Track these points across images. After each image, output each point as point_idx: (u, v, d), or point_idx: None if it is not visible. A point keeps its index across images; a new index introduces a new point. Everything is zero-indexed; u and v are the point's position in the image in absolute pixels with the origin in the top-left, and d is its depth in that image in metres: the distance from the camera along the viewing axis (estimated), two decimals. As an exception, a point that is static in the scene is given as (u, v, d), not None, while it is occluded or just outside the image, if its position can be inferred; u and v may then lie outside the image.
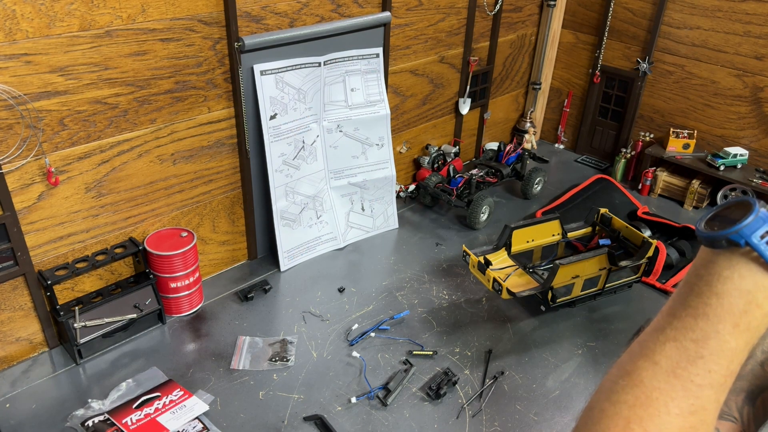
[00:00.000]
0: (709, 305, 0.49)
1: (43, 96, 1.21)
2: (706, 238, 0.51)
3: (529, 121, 2.57)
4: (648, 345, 0.51)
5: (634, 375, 0.50)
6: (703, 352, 0.49)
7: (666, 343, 0.50)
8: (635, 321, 1.62)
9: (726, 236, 0.49)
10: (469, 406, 1.33)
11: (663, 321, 0.52)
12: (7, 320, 1.33)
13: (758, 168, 2.08)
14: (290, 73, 1.59)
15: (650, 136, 2.28)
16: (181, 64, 1.40)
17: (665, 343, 0.50)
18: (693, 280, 0.51)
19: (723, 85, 2.09)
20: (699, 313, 0.49)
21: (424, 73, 2.03)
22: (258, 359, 1.42)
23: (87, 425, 1.22)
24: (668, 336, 0.50)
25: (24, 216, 1.27)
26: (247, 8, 1.46)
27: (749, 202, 0.51)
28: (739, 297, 0.48)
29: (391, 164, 1.89)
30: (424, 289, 1.69)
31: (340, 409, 1.31)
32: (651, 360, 0.50)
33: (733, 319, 0.48)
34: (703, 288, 0.50)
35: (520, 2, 2.27)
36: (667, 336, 0.50)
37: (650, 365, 0.50)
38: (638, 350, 0.52)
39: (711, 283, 0.50)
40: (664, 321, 0.51)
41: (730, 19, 2.00)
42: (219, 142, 1.55)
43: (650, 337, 0.52)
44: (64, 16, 1.18)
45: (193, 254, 1.51)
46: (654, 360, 0.50)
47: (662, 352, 0.50)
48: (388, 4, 1.76)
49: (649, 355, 0.50)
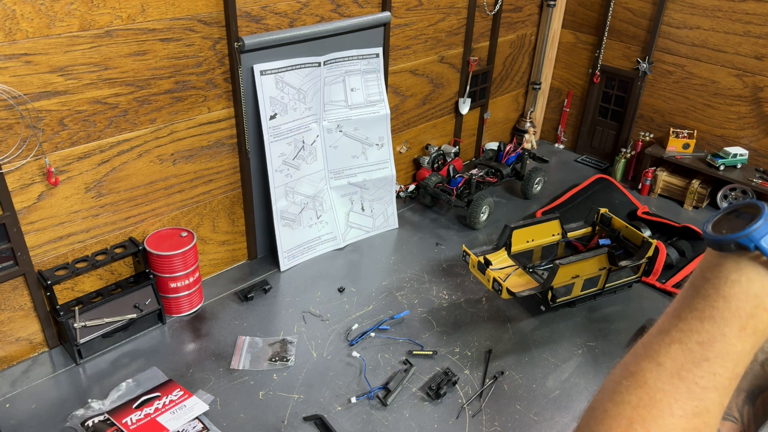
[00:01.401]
0: (715, 308, 0.49)
1: (43, 96, 1.21)
2: (714, 242, 0.50)
3: (529, 121, 2.57)
4: (652, 346, 0.51)
5: (638, 376, 0.50)
6: (708, 355, 0.48)
7: (671, 345, 0.50)
8: (635, 321, 1.62)
9: (735, 240, 0.49)
10: (469, 406, 1.33)
11: (668, 323, 0.51)
12: (7, 320, 1.33)
13: (758, 168, 2.08)
14: (290, 73, 1.59)
15: (650, 135, 2.28)
16: (181, 64, 1.40)
17: (670, 344, 0.50)
18: (699, 283, 0.51)
19: (723, 85, 2.09)
20: (705, 316, 0.49)
21: (424, 73, 2.03)
22: (258, 359, 1.42)
23: (87, 425, 1.22)
24: (673, 338, 0.50)
25: (24, 216, 1.27)
26: (247, 8, 1.46)
27: (757, 205, 0.50)
28: (747, 300, 0.48)
29: (391, 164, 1.89)
30: (424, 289, 1.69)
31: (340, 409, 1.31)
32: (655, 361, 0.50)
33: (739, 323, 0.48)
34: (710, 291, 0.50)
35: (520, 2, 2.27)
36: (672, 338, 0.50)
37: (654, 366, 0.50)
38: (642, 351, 0.52)
39: (718, 286, 0.49)
40: (669, 323, 0.51)
41: (730, 19, 2.00)
42: (219, 142, 1.55)
43: (655, 338, 0.51)
44: (64, 16, 1.18)
45: (193, 254, 1.51)
46: (658, 361, 0.50)
47: (667, 354, 0.50)
48: (388, 4, 1.76)
49: (653, 357, 0.50)
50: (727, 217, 0.52)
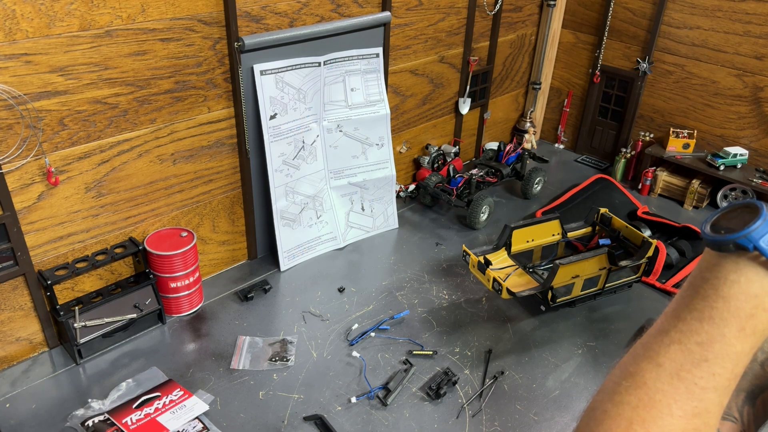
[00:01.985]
0: (715, 308, 0.49)
1: (43, 96, 1.21)
2: (712, 242, 0.50)
3: (529, 121, 2.57)
4: (652, 347, 0.51)
5: (637, 376, 0.50)
6: (707, 355, 0.48)
7: (670, 346, 0.50)
8: (635, 321, 1.62)
9: (734, 240, 0.49)
10: (469, 406, 1.33)
11: (667, 323, 0.51)
12: (7, 320, 1.33)
13: (758, 168, 2.08)
14: (290, 72, 1.59)
15: (650, 135, 2.28)
16: (181, 64, 1.40)
17: (669, 345, 0.50)
18: (698, 283, 0.51)
19: (723, 85, 2.09)
20: (704, 317, 0.49)
21: (424, 73, 2.03)
22: (258, 359, 1.42)
23: (87, 425, 1.22)
24: (672, 338, 0.50)
25: (24, 216, 1.27)
26: (247, 8, 1.46)
27: (756, 205, 0.50)
28: (746, 301, 0.48)
29: (391, 164, 1.89)
30: (424, 289, 1.69)
31: (340, 409, 1.31)
32: (655, 362, 0.50)
33: (739, 323, 0.48)
34: (709, 291, 0.50)
35: (520, 2, 2.27)
36: (671, 338, 0.50)
37: (654, 367, 0.50)
38: (642, 352, 0.51)
39: (717, 287, 0.49)
40: (668, 323, 0.51)
41: (730, 18, 2.00)
42: (219, 141, 1.55)
43: (654, 339, 0.51)
44: (64, 16, 1.18)
45: (193, 254, 1.51)
46: (658, 362, 0.50)
47: (666, 355, 0.50)
48: (388, 3, 1.76)
49: (653, 357, 0.50)
50: (725, 217, 0.52)
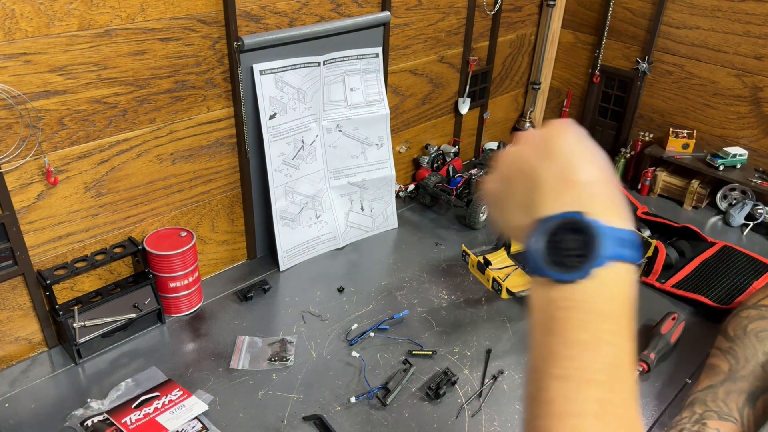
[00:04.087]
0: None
1: (42, 95, 1.21)
2: (561, 281, 0.53)
3: (528, 121, 2.57)
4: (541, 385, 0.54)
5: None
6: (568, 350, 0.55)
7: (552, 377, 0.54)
8: (634, 320, 1.61)
9: (586, 273, 0.52)
10: (468, 406, 1.33)
11: (553, 368, 0.53)
12: (6, 320, 1.33)
13: (758, 168, 2.08)
14: (290, 72, 1.58)
15: (650, 135, 2.28)
16: (181, 64, 1.39)
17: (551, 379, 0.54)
18: (555, 324, 0.54)
19: (722, 85, 2.09)
20: (596, 340, 0.53)
21: (423, 73, 2.03)
22: (257, 359, 1.42)
23: (86, 425, 1.21)
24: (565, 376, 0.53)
25: (23, 215, 1.27)
26: (247, 8, 1.46)
27: (584, 228, 0.53)
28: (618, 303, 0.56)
29: (391, 164, 1.89)
30: (424, 289, 1.69)
31: (339, 408, 1.31)
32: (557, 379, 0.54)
33: (617, 319, 0.55)
34: (576, 319, 0.53)
35: (520, 2, 2.27)
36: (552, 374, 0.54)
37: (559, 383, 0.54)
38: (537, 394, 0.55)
39: (581, 309, 0.54)
40: (554, 368, 0.53)
41: (730, 19, 2.00)
42: (218, 141, 1.55)
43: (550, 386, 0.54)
44: (63, 16, 1.18)
45: (192, 254, 1.51)
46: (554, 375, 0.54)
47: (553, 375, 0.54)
48: (388, 3, 1.76)
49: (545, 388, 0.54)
50: (554, 246, 0.54)
